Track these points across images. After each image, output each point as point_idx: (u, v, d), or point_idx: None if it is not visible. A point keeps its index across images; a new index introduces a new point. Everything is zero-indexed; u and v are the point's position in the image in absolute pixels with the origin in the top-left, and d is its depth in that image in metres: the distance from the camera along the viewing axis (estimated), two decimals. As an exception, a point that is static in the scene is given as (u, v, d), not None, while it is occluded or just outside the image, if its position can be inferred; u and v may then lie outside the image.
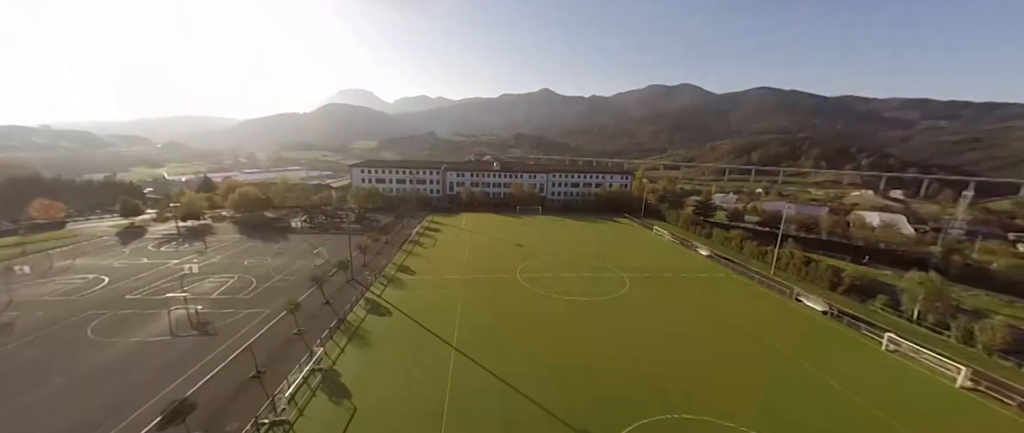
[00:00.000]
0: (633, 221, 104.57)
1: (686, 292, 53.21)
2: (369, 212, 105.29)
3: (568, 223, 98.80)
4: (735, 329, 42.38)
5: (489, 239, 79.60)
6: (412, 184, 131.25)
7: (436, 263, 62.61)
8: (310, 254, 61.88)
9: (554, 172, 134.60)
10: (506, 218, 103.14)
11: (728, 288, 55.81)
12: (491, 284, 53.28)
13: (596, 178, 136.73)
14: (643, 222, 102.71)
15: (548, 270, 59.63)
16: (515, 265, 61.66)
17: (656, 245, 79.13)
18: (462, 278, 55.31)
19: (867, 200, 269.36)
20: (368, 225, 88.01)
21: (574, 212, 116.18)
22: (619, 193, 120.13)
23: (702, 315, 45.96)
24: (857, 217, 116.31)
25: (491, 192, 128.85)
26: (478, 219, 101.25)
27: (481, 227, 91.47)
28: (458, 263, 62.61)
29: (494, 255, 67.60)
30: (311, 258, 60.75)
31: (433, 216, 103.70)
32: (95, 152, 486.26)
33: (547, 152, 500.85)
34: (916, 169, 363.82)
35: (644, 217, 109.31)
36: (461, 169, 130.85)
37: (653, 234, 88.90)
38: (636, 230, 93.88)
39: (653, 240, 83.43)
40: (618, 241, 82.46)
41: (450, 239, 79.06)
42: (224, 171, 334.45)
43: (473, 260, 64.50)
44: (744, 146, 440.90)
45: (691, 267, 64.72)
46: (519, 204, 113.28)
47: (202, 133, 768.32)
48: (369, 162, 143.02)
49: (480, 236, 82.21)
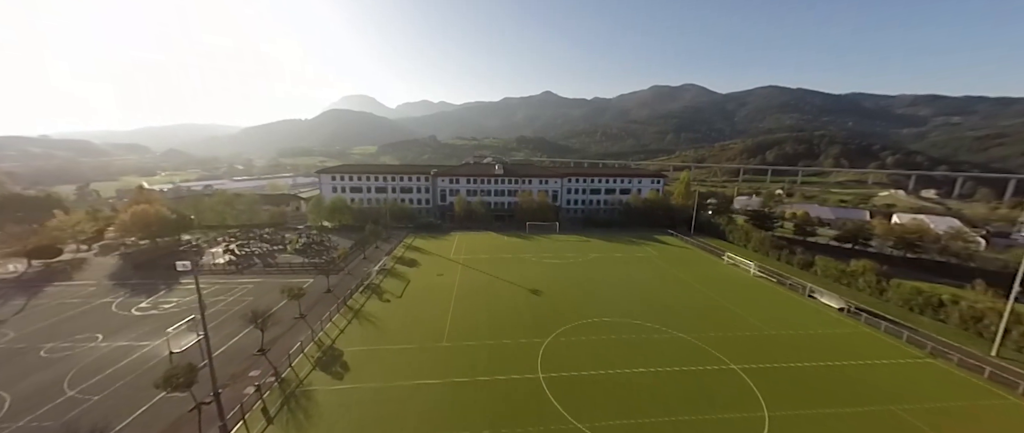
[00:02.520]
0: (684, 241, 75.90)
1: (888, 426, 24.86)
2: (332, 232, 77.89)
3: (599, 247, 70.40)
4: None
5: (488, 278, 51.68)
6: (397, 193, 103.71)
7: (391, 340, 34.61)
8: (174, 331, 33.75)
9: (570, 176, 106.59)
10: (512, 240, 75.09)
11: (958, 398, 27.45)
12: (492, 413, 25.26)
13: (621, 182, 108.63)
14: (698, 243, 74.12)
15: (600, 359, 31.56)
16: (534, 346, 33.57)
17: (748, 289, 50.12)
18: (430, 394, 27.26)
19: (903, 201, 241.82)
20: (320, 253, 60.49)
21: (600, 228, 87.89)
22: (655, 202, 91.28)
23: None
24: (917, 224, 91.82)
25: (492, 203, 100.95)
26: (474, 241, 73.32)
27: (477, 255, 63.53)
28: (430, 340, 34.64)
29: (496, 317, 39.60)
30: (164, 341, 32.80)
31: (415, 237, 75.97)
32: (90, 161, 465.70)
33: (550, 155, 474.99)
34: (946, 166, 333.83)
35: (695, 235, 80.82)
36: (455, 174, 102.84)
37: (727, 265, 60.15)
38: (699, 258, 64.76)
39: (738, 279, 54.06)
40: (688, 281, 52.55)
41: (429, 280, 51.17)
42: (215, 179, 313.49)
43: (460, 330, 36.55)
44: (758, 145, 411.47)
45: (846, 343, 36.00)
46: (529, 219, 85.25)
47: (205, 140, 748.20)
48: (343, 167, 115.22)
49: (475, 273, 54.25)
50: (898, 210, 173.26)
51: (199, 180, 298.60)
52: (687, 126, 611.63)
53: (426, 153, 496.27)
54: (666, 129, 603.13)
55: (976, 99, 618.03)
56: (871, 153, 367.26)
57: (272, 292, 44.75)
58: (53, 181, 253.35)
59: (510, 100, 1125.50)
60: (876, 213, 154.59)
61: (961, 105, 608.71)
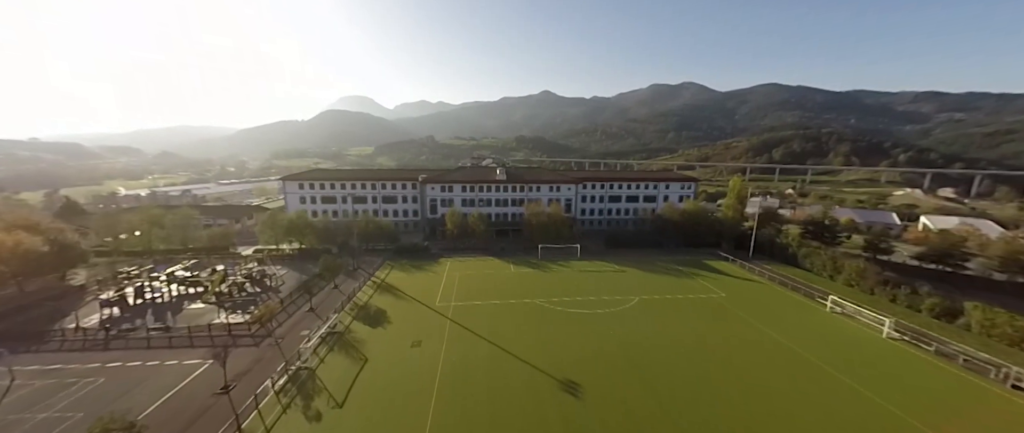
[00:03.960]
0: (747, 270, 56.52)
1: None
2: (288, 259, 58.92)
3: (640, 281, 51.10)
4: None
5: (490, 350, 32.62)
6: (378, 204, 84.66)
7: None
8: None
9: (586, 181, 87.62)
10: (521, 270, 56.05)
11: None
12: None
13: (644, 187, 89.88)
14: (767, 272, 54.81)
15: None
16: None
17: (911, 371, 30.92)
18: None
19: (922, 201, 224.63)
20: (250, 301, 41.57)
21: (628, 248, 68.87)
22: (696, 215, 71.65)
23: None
24: (967, 230, 75.20)
25: (493, 214, 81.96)
26: (470, 273, 54.23)
27: (474, 299, 44.46)
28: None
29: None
30: None
31: (393, 266, 56.93)
32: (77, 164, 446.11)
33: (549, 154, 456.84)
34: (962, 164, 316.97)
35: (755, 258, 61.79)
36: (447, 181, 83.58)
37: (836, 316, 40.65)
38: (785, 301, 44.95)
39: (873, 348, 34.14)
40: (803, 355, 32.65)
41: (398, 356, 32.07)
42: (202, 182, 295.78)
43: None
44: (764, 143, 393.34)
45: None
46: (539, 237, 66.24)
47: (200, 142, 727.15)
48: (313, 173, 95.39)
49: (470, 339, 35.20)
50: (922, 211, 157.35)
51: (185, 184, 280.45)
52: (688, 124, 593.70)
53: (424, 153, 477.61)
54: (667, 128, 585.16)
55: (978, 95, 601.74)
56: (882, 151, 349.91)
57: (135, 391, 26.06)
58: (33, 186, 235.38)
59: (508, 100, 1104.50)
60: (903, 216, 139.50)
61: (963, 101, 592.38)
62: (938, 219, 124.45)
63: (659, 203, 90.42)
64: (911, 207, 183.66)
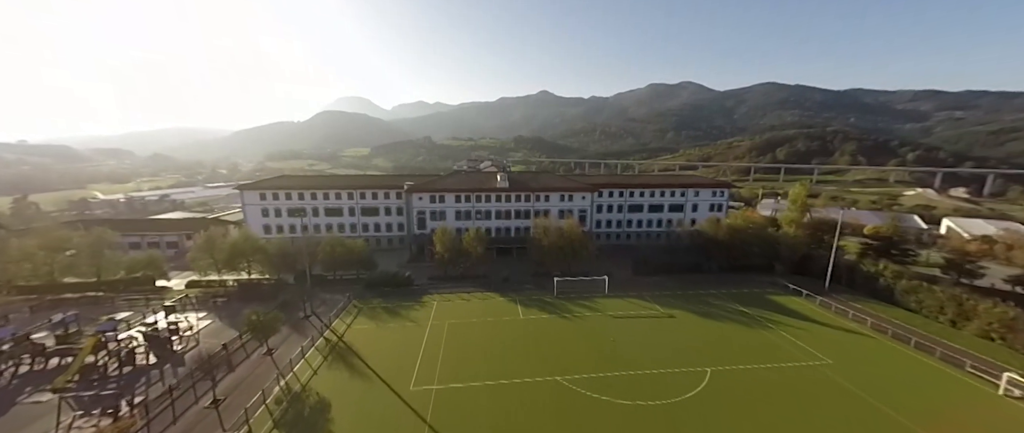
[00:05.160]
0: (837, 312, 41.49)
1: None
2: (217, 301, 43.97)
3: (698, 331, 36.50)
4: None
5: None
6: (357, 216, 69.77)
7: None
8: None
9: (602, 188, 72.77)
10: (533, 316, 40.98)
11: None
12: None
13: (671, 195, 75.35)
14: (860, 312, 39.92)
15: None
16: None
17: None
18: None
19: (936, 201, 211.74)
20: (125, 389, 26.70)
21: (666, 276, 53.99)
22: (746, 232, 56.08)
23: None
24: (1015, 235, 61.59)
25: (493, 229, 67.17)
26: (464, 322, 39.08)
27: (466, 384, 29.39)
28: None
29: None
30: None
31: (362, 308, 42.03)
32: (63, 167, 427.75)
33: (549, 155, 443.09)
34: (972, 163, 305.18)
35: (831, 290, 46.96)
36: (438, 189, 68.37)
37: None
38: (950, 385, 29.13)
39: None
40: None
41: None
42: (189, 186, 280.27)
43: None
44: (767, 142, 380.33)
45: None
46: (551, 260, 51.48)
47: (195, 144, 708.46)
48: (276, 181, 78.54)
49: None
50: (940, 213, 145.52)
51: (172, 187, 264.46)
52: (687, 124, 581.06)
53: (421, 155, 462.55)
54: (666, 127, 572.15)
55: (977, 93, 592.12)
56: (888, 150, 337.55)
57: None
58: (10, 190, 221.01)
59: (506, 100, 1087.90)
60: (925, 218, 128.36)
61: (962, 100, 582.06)
62: (966, 222, 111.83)
63: (686, 213, 75.90)
64: (927, 208, 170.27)
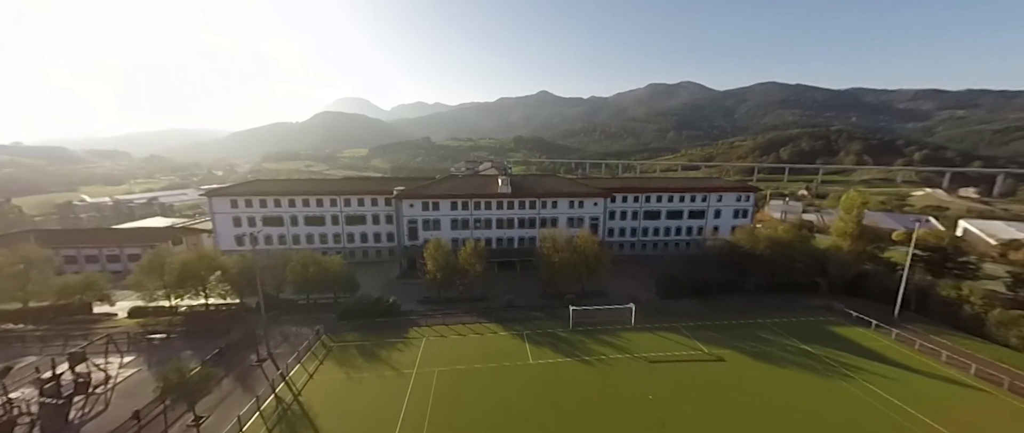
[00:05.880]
0: (921, 350, 33.01)
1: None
2: (150, 340, 36.12)
3: (767, 395, 28.34)
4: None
5: None
6: (341, 226, 61.86)
7: None
8: None
9: (616, 193, 64.86)
10: (546, 360, 32.90)
11: None
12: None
13: (690, 200, 67.54)
14: (952, 352, 31.80)
15: None
16: None
17: None
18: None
19: (947, 201, 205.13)
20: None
21: (699, 299, 46.01)
22: (794, 244, 47.31)
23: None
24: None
25: (494, 240, 59.30)
26: (458, 373, 31.01)
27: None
28: None
29: None
30: None
31: (326, 353, 34.00)
32: (57, 169, 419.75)
33: (549, 155, 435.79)
34: (980, 162, 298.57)
35: (902, 317, 38.81)
36: (431, 196, 60.35)
37: None
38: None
39: None
40: None
41: None
42: (182, 187, 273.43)
43: None
44: (770, 142, 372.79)
45: None
46: (562, 278, 43.64)
47: (193, 145, 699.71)
48: (252, 185, 70.27)
49: None
50: (953, 214, 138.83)
51: (165, 189, 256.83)
52: (687, 124, 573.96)
53: (419, 155, 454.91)
54: (666, 127, 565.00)
55: (978, 92, 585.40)
56: (894, 149, 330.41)
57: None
58: (7, 192, 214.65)
59: (506, 100, 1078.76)
60: (942, 219, 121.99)
61: (964, 99, 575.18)
62: (986, 225, 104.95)
63: (708, 220, 68.09)
64: (938, 209, 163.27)
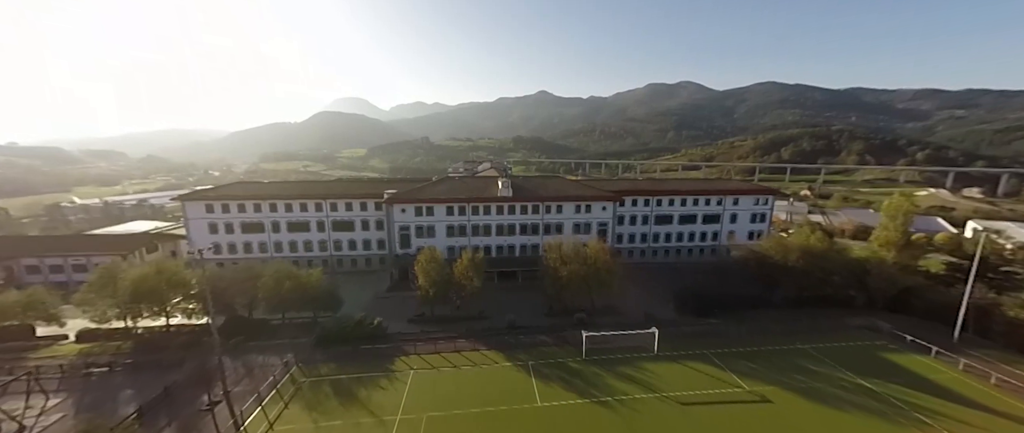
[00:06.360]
0: (1002, 388, 28.15)
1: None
2: (82, 374, 30.93)
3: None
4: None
5: None
6: (327, 233, 56.72)
7: None
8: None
9: (626, 196, 59.81)
10: (558, 402, 27.83)
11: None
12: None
13: (705, 203, 62.57)
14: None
15: None
16: None
17: None
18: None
19: (951, 202, 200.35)
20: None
21: (723, 317, 40.93)
22: (828, 255, 41.84)
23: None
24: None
25: (493, 247, 54.20)
26: (451, 419, 26.15)
27: None
28: None
29: None
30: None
31: (295, 390, 28.86)
32: (50, 170, 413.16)
33: (548, 155, 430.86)
34: (984, 162, 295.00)
35: (962, 341, 33.74)
36: (425, 200, 55.23)
37: None
38: None
39: None
40: None
41: None
42: (178, 189, 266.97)
43: None
44: (771, 142, 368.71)
45: None
46: (570, 297, 38.62)
47: (191, 146, 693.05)
48: (229, 188, 65.30)
49: None
50: (959, 215, 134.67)
51: (159, 190, 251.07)
52: (687, 124, 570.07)
53: (418, 155, 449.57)
54: (666, 127, 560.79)
55: (978, 92, 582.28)
56: (897, 149, 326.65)
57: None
58: None
59: (505, 100, 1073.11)
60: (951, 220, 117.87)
61: (963, 98, 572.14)
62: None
63: (723, 225, 63.15)
64: (943, 209, 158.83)
